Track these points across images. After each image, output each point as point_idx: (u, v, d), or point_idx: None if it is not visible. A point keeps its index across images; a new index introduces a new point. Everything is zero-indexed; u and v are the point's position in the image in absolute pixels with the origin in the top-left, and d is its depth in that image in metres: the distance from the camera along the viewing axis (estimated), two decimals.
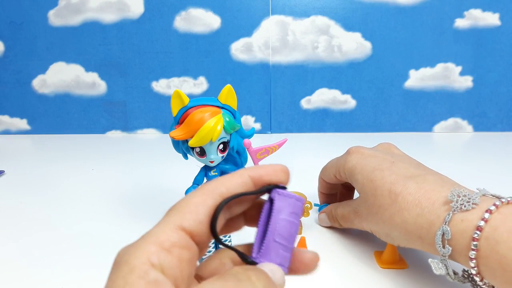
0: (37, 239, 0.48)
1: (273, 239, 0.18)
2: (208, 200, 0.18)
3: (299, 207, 0.19)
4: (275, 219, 0.19)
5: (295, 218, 0.19)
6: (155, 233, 0.16)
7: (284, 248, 0.18)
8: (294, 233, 0.19)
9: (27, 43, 1.09)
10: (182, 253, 0.16)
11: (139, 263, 0.15)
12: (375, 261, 0.43)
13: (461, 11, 1.04)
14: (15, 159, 0.90)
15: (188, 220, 0.16)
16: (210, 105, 0.41)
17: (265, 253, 0.18)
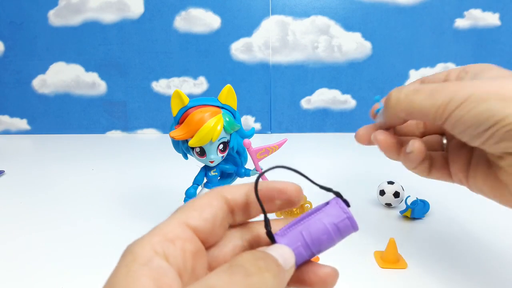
0: (37, 238, 0.48)
1: (301, 231, 0.18)
2: (214, 201, 0.18)
3: (346, 227, 0.18)
4: (316, 218, 0.18)
5: (334, 232, 0.18)
6: (160, 227, 0.16)
7: (305, 246, 0.18)
8: (323, 243, 0.18)
9: (27, 43, 1.09)
10: (185, 244, 0.16)
11: (143, 252, 0.15)
12: (375, 261, 0.43)
13: (461, 11, 1.04)
14: (15, 159, 0.90)
15: (193, 217, 0.17)
16: (210, 105, 0.41)
17: (286, 237, 0.18)
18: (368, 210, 0.57)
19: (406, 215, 0.53)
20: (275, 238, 0.18)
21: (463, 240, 0.48)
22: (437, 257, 0.44)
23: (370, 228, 0.51)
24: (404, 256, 0.44)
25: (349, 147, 0.98)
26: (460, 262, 0.43)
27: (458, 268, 0.42)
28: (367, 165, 0.81)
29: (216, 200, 0.18)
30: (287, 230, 0.18)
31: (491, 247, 0.46)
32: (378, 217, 0.55)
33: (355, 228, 0.19)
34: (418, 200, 0.54)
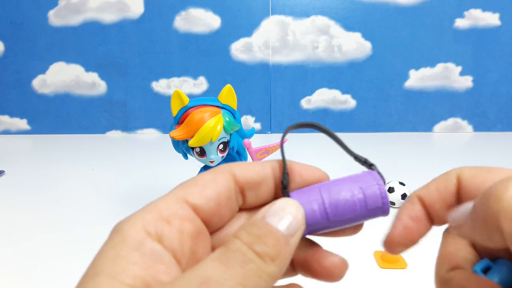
0: (37, 238, 0.48)
1: (319, 187, 0.16)
2: (219, 178, 0.16)
3: (374, 197, 0.15)
4: (341, 180, 0.16)
5: (358, 199, 0.15)
6: (155, 203, 0.14)
7: (320, 204, 0.15)
8: (343, 207, 0.15)
9: (27, 43, 1.09)
10: (183, 225, 0.14)
11: (133, 232, 0.13)
12: (375, 261, 0.43)
13: (461, 11, 1.04)
14: (15, 159, 0.90)
15: (193, 194, 0.15)
16: (210, 105, 0.41)
17: (301, 192, 0.16)
18: None
19: None
20: (288, 193, 0.16)
21: None
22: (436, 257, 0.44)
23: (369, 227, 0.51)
24: (404, 256, 0.44)
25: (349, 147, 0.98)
26: None
27: None
28: None
29: (223, 176, 0.16)
30: (306, 188, 0.16)
31: None
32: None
33: (384, 201, 0.15)
34: None
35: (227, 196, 0.16)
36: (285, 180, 0.16)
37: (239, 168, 0.16)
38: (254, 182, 0.16)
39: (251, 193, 0.17)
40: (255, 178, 0.16)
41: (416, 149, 0.96)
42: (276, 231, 0.14)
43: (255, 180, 0.16)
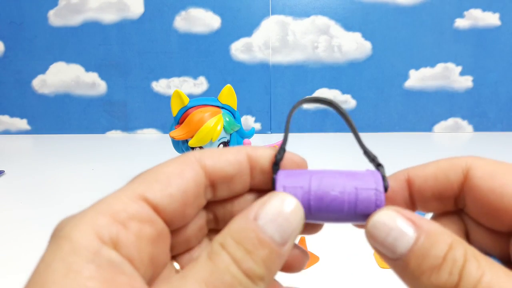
0: (37, 239, 0.48)
1: (311, 175, 0.14)
2: (187, 171, 0.13)
3: (367, 201, 0.13)
4: (339, 172, 0.14)
5: (349, 197, 0.13)
6: (107, 201, 0.12)
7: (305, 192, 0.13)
8: (328, 201, 0.13)
9: (27, 43, 1.09)
10: (141, 228, 0.12)
11: (86, 240, 0.11)
12: (374, 261, 0.43)
13: (461, 11, 1.04)
14: (15, 159, 0.90)
15: (154, 191, 0.12)
16: (210, 105, 0.41)
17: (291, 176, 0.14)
18: None
19: None
20: (277, 173, 0.14)
21: None
22: None
23: None
24: None
25: (350, 147, 0.98)
26: None
27: None
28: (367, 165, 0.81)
29: (191, 168, 0.13)
30: (298, 171, 0.14)
31: None
32: None
33: (380, 202, 0.13)
34: None
35: (195, 194, 0.13)
36: (279, 155, 0.15)
37: (210, 158, 0.14)
38: (228, 175, 0.14)
39: (223, 186, 0.14)
40: (229, 170, 0.14)
41: (416, 149, 0.96)
42: (269, 242, 0.12)
43: (229, 172, 0.14)
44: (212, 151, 0.14)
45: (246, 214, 0.12)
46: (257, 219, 0.12)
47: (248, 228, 0.12)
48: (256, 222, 0.12)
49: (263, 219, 0.12)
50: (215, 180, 0.14)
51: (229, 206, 0.15)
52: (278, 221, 0.12)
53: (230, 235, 0.12)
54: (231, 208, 0.15)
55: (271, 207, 0.12)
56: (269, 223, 0.12)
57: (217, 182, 0.14)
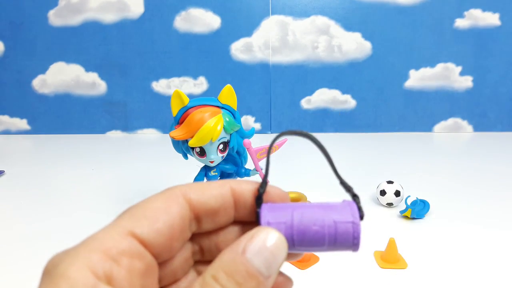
0: (37, 238, 0.48)
1: (293, 211, 0.15)
2: (173, 207, 0.14)
3: (345, 233, 0.14)
4: (318, 207, 0.15)
5: (329, 231, 0.14)
6: (99, 238, 0.13)
7: (288, 228, 0.14)
8: (310, 235, 0.14)
9: (27, 43, 1.09)
10: (132, 263, 0.13)
11: (82, 277, 0.11)
12: (375, 261, 0.43)
13: (461, 11, 1.04)
14: (15, 159, 0.89)
15: (142, 227, 0.13)
16: (210, 105, 0.41)
17: (274, 211, 0.15)
18: (368, 210, 0.57)
19: (406, 215, 0.53)
20: (261, 207, 0.15)
21: (463, 240, 0.48)
22: (437, 257, 0.44)
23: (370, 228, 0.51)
24: (404, 256, 0.44)
25: (349, 147, 0.98)
26: (460, 261, 0.43)
27: (458, 268, 0.41)
28: (367, 165, 0.81)
29: (176, 203, 0.14)
30: (280, 205, 0.15)
31: (490, 247, 0.46)
32: (378, 217, 0.55)
33: (355, 241, 0.15)
34: (418, 200, 0.54)
35: (181, 228, 0.14)
36: (262, 189, 0.15)
37: (195, 193, 0.15)
38: (212, 209, 0.15)
39: (208, 220, 0.15)
40: (213, 204, 0.15)
41: (416, 149, 0.96)
42: (257, 275, 0.13)
43: (213, 206, 0.15)
44: (197, 185, 0.15)
45: (235, 247, 0.13)
46: (245, 253, 0.13)
47: (238, 262, 0.13)
48: (245, 255, 0.13)
49: (251, 252, 0.13)
50: (200, 213, 0.15)
51: (214, 237, 0.16)
52: (265, 255, 0.13)
53: (221, 268, 0.13)
54: (216, 240, 0.16)
55: (258, 242, 0.13)
56: (257, 257, 0.13)
57: (202, 215, 0.15)
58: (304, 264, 0.42)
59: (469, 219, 0.53)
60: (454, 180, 0.71)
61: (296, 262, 0.43)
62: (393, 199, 0.56)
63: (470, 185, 0.67)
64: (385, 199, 0.56)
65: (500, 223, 0.52)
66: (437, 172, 0.76)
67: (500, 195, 0.63)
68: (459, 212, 0.56)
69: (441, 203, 0.58)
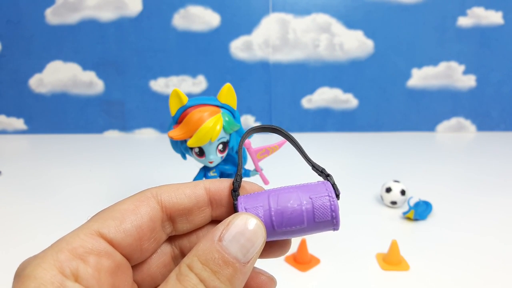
0: (34, 239, 0.47)
1: (269, 194, 0.15)
2: (142, 208, 0.14)
3: (323, 209, 0.14)
4: (293, 188, 0.15)
5: (306, 209, 0.14)
6: (66, 239, 0.13)
7: (266, 211, 0.14)
8: (288, 215, 0.14)
9: (24, 42, 1.07)
10: (99, 261, 0.13)
11: (49, 276, 0.12)
12: (377, 263, 0.42)
13: (463, 9, 1.03)
14: (12, 159, 0.89)
15: (108, 227, 0.13)
16: (209, 104, 0.40)
17: (251, 198, 0.15)
18: (370, 211, 0.56)
19: (409, 216, 0.52)
20: (236, 199, 0.15)
21: (465, 242, 0.47)
22: (439, 259, 0.43)
23: (372, 229, 0.50)
24: (406, 258, 0.43)
25: (351, 147, 0.97)
26: (463, 263, 0.42)
27: (461, 270, 0.41)
28: (369, 165, 0.80)
29: (146, 205, 0.14)
30: (256, 193, 0.15)
31: (493, 249, 0.45)
32: (380, 218, 0.54)
33: (335, 215, 0.14)
34: (421, 202, 0.53)
35: (151, 228, 0.14)
36: (236, 182, 0.15)
37: (167, 194, 0.15)
38: (185, 209, 0.15)
39: (183, 220, 0.15)
40: (185, 203, 0.15)
41: (419, 149, 0.95)
42: (233, 261, 0.13)
43: (186, 206, 0.15)
44: (169, 186, 0.16)
45: (211, 236, 0.13)
46: (221, 240, 0.13)
47: (213, 249, 0.13)
48: (220, 243, 0.13)
49: (227, 239, 0.13)
50: (173, 214, 0.15)
51: (194, 238, 0.16)
52: (241, 242, 0.13)
53: (197, 256, 0.13)
54: (196, 241, 0.16)
55: (235, 228, 0.13)
56: (233, 244, 0.13)
57: (175, 215, 0.15)
58: (305, 266, 0.42)
59: (472, 220, 0.53)
60: (457, 180, 0.70)
61: (296, 264, 0.42)
62: (398, 198, 0.55)
63: (473, 186, 0.67)
64: (390, 196, 0.55)
65: (504, 224, 0.51)
66: (440, 172, 0.75)
67: (504, 195, 0.62)
68: (462, 214, 0.55)
69: (444, 204, 0.57)
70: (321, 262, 0.43)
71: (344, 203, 0.59)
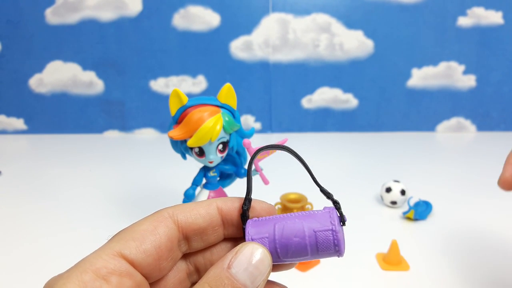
0: (34, 239, 0.47)
1: (275, 223, 0.15)
2: (160, 228, 0.15)
3: (326, 241, 0.15)
4: (299, 217, 0.16)
5: (310, 240, 0.15)
6: (90, 260, 0.14)
7: (271, 241, 0.15)
8: (292, 246, 0.15)
9: (24, 42, 1.07)
10: (121, 281, 0.14)
11: None
12: (377, 263, 0.42)
13: (463, 9, 1.03)
14: (12, 159, 0.89)
15: (130, 248, 0.14)
16: (209, 104, 0.40)
17: (258, 225, 0.16)
18: (370, 211, 0.56)
19: (409, 216, 0.52)
20: (245, 223, 0.16)
21: (466, 242, 0.47)
22: (439, 259, 0.43)
23: (371, 229, 0.50)
24: (406, 258, 0.43)
25: (351, 147, 0.97)
26: (463, 264, 0.42)
27: (461, 270, 0.41)
28: (369, 165, 0.80)
29: (164, 225, 0.15)
30: (265, 219, 0.16)
31: (493, 249, 0.45)
32: (380, 218, 0.54)
33: (337, 248, 0.15)
34: (421, 202, 0.53)
35: (169, 248, 0.15)
36: (245, 206, 0.16)
37: (182, 214, 0.16)
38: (200, 228, 0.16)
39: (197, 239, 0.16)
40: (200, 223, 0.16)
41: (419, 149, 0.95)
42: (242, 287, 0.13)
43: (201, 226, 0.16)
44: (184, 206, 0.16)
45: (221, 263, 0.14)
46: (230, 268, 0.14)
47: (223, 276, 0.14)
48: (230, 270, 0.14)
49: (236, 267, 0.14)
50: (188, 233, 0.16)
51: (208, 255, 0.17)
52: (249, 269, 0.14)
53: (207, 283, 0.14)
54: (210, 257, 0.17)
55: (242, 257, 0.14)
56: (241, 272, 0.14)
57: (190, 235, 0.16)
58: (305, 266, 0.42)
59: (472, 220, 0.53)
60: (457, 180, 0.70)
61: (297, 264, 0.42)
62: (398, 197, 0.55)
63: (473, 186, 0.67)
64: (390, 196, 0.55)
65: (504, 224, 0.51)
66: (440, 172, 0.75)
67: (504, 195, 0.62)
68: (462, 213, 0.55)
69: (444, 204, 0.57)
70: (321, 262, 0.43)
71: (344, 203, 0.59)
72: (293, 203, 0.49)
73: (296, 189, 0.53)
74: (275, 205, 0.50)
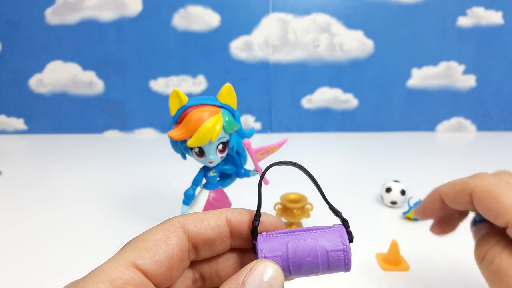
0: (34, 239, 0.47)
1: (287, 242, 0.16)
2: (172, 238, 0.15)
3: (337, 261, 0.16)
4: (311, 235, 0.16)
5: (322, 259, 0.16)
6: (105, 270, 0.14)
7: (284, 259, 0.16)
8: (305, 265, 0.16)
9: (24, 42, 1.07)
10: None
11: None
12: (376, 263, 0.42)
13: (463, 9, 1.03)
14: (12, 159, 0.89)
15: (143, 259, 0.15)
16: (209, 104, 0.40)
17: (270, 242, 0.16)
18: (370, 211, 0.56)
19: (409, 216, 0.52)
20: (257, 238, 0.16)
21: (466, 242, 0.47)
22: (439, 259, 0.43)
23: (372, 229, 0.50)
24: (406, 258, 0.43)
25: (351, 147, 0.97)
26: (463, 264, 0.42)
27: (461, 271, 0.41)
28: (369, 165, 0.80)
29: (176, 235, 0.16)
30: (275, 235, 0.17)
31: None
32: (380, 218, 0.54)
33: (347, 266, 0.16)
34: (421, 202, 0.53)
35: (180, 258, 0.16)
36: (256, 222, 0.16)
37: (193, 224, 0.16)
38: (209, 239, 0.16)
39: (205, 249, 0.17)
40: (209, 234, 0.16)
41: (419, 149, 0.95)
42: None
43: (210, 236, 0.16)
44: (194, 216, 0.17)
45: (236, 278, 0.14)
46: (245, 284, 0.14)
47: None
48: (244, 286, 0.14)
49: (250, 284, 0.14)
50: (198, 243, 0.16)
51: (214, 264, 0.18)
52: (263, 286, 0.14)
53: None
54: (216, 266, 0.18)
55: (257, 274, 0.14)
56: (255, 287, 0.14)
57: (200, 245, 0.16)
58: None
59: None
60: None
61: None
62: (398, 197, 0.55)
63: None
64: (390, 196, 0.55)
65: None
66: (440, 172, 0.75)
67: None
68: None
69: None
70: None
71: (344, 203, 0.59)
72: (293, 203, 0.49)
73: (296, 189, 0.53)
74: (275, 205, 0.50)
